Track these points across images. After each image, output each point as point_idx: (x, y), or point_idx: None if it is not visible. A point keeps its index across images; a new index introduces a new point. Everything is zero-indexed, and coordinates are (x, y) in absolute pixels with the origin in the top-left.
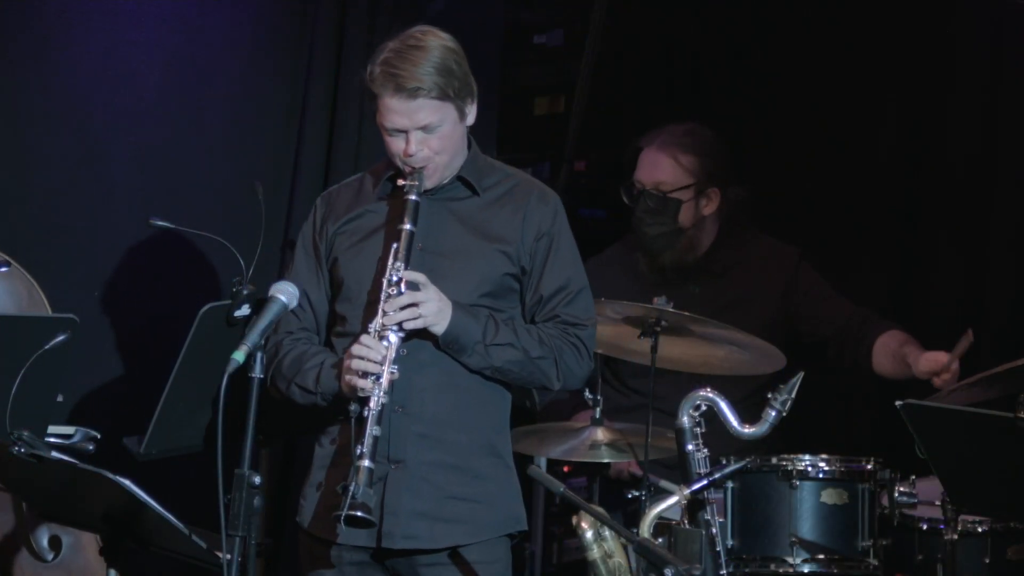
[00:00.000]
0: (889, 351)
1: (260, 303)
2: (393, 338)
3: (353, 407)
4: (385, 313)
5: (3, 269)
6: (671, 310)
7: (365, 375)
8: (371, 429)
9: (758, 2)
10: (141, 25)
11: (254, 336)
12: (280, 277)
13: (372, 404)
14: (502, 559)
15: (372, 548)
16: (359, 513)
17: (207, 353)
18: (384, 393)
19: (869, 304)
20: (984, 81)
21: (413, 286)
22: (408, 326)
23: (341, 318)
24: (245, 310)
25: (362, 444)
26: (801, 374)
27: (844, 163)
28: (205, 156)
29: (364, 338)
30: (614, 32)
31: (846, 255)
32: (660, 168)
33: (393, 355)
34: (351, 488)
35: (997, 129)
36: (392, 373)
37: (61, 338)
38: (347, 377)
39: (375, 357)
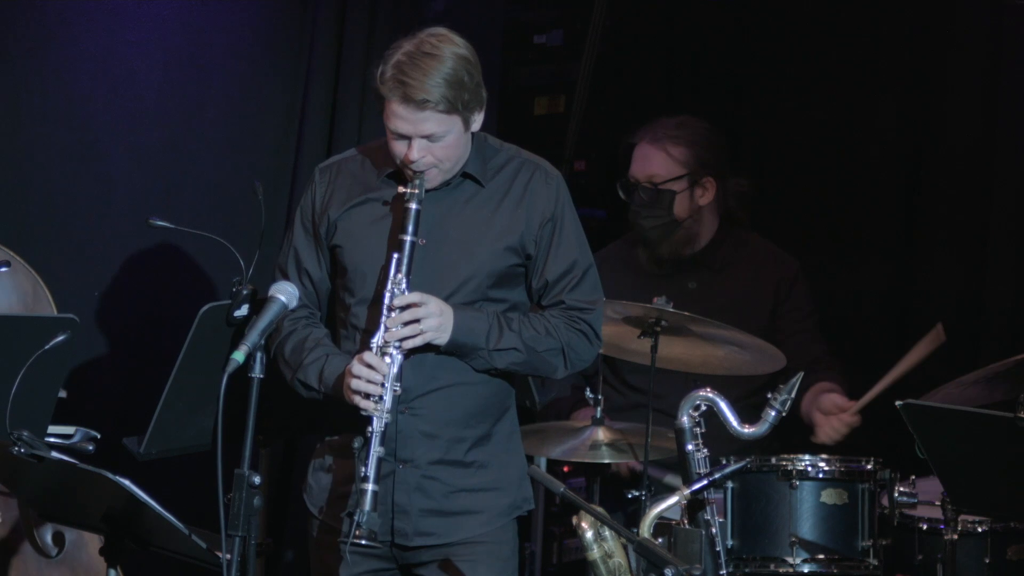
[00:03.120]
0: (814, 390)
1: (260, 303)
2: (396, 355)
3: (357, 442)
4: (387, 329)
5: (3, 269)
6: (671, 310)
7: (367, 396)
8: (375, 450)
9: (758, 2)
10: (141, 25)
11: (254, 336)
12: (284, 273)
13: (375, 425)
14: (510, 541)
15: (385, 542)
16: (364, 542)
17: (207, 353)
18: (387, 412)
19: (869, 303)
20: (983, 80)
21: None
22: (408, 344)
23: (344, 307)
24: (245, 310)
25: (366, 466)
26: (801, 374)
27: (844, 163)
28: (205, 156)
29: (366, 355)
30: (614, 32)
31: (846, 255)
32: (652, 161)
33: (395, 372)
34: (356, 516)
35: (996, 128)
36: (395, 390)
37: (61, 338)
38: (349, 394)
39: (376, 378)
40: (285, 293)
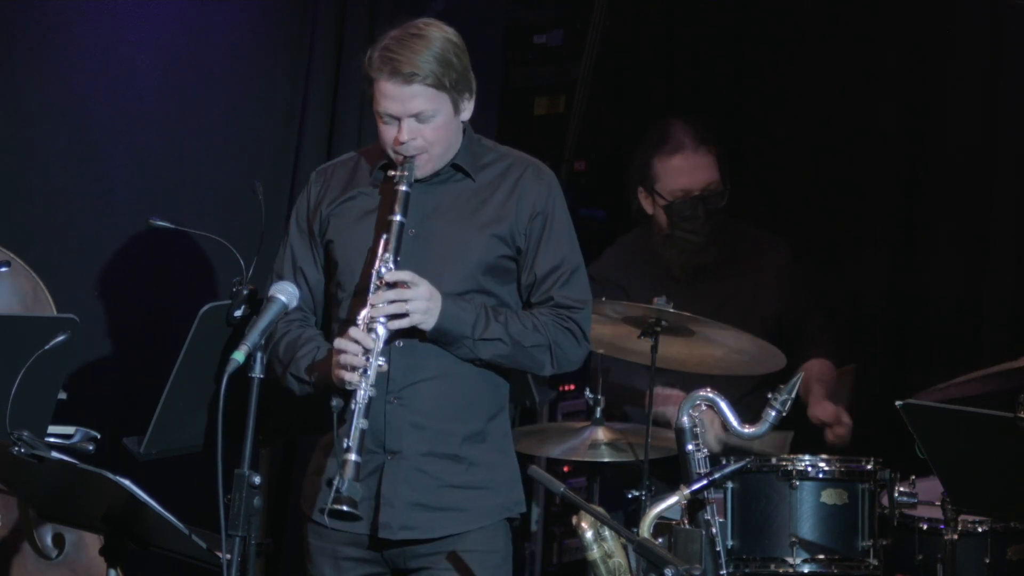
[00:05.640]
0: (808, 375)
1: (260, 303)
2: (381, 330)
3: (336, 402)
4: (373, 306)
5: (3, 269)
6: (671, 310)
7: (352, 368)
8: (358, 422)
9: (758, 2)
10: (141, 25)
11: (254, 336)
12: (281, 277)
13: (359, 397)
14: (501, 549)
15: (368, 535)
16: (344, 508)
17: (207, 353)
18: (371, 386)
19: (868, 303)
20: (983, 80)
21: (403, 284)
22: (393, 325)
23: (336, 303)
24: (245, 310)
25: (348, 437)
26: (801, 374)
27: (844, 162)
28: (205, 156)
29: (352, 330)
30: (614, 32)
31: (846, 254)
32: (706, 169)
33: (380, 347)
34: (336, 482)
35: (997, 128)
36: (380, 366)
37: (61, 338)
38: (335, 371)
39: (358, 351)
40: (285, 293)
